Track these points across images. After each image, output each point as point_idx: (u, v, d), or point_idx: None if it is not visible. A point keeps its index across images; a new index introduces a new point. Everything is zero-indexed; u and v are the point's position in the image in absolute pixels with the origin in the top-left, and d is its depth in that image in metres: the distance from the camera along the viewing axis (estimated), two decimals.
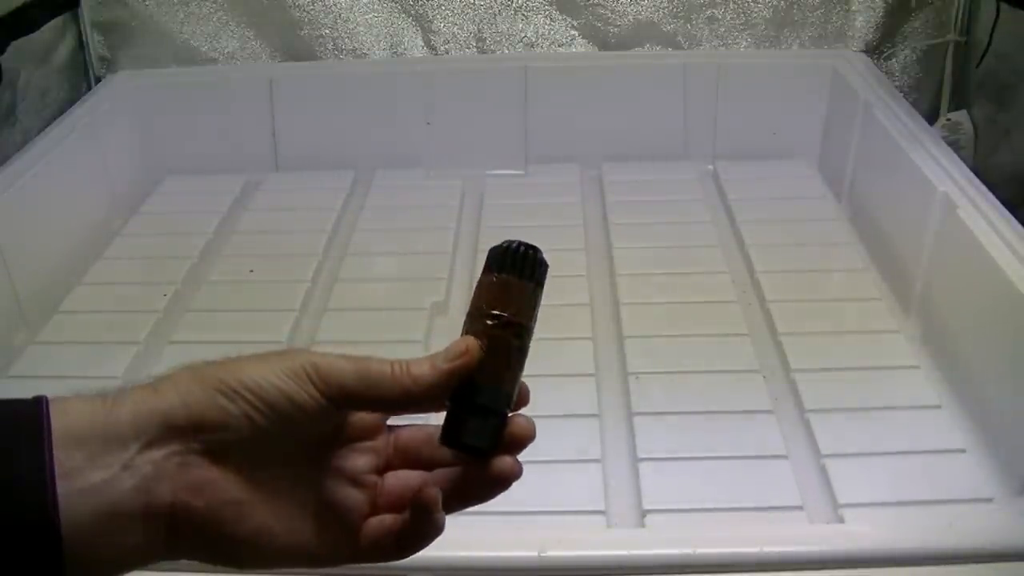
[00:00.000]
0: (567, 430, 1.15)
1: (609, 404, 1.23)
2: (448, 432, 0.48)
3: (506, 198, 1.81)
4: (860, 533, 0.87)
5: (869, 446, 1.13)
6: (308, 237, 1.67)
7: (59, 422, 0.41)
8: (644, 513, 1.05)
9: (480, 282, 0.50)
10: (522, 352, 0.49)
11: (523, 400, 0.50)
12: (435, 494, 0.47)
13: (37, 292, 1.47)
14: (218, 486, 0.43)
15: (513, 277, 0.49)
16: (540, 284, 0.50)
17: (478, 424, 0.48)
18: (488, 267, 0.50)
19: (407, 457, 0.50)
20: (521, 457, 0.49)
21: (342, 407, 0.45)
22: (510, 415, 0.49)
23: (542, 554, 0.82)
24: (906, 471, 1.09)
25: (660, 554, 0.83)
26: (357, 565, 0.48)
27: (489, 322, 0.49)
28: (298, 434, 0.45)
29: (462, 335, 0.49)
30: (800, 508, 1.04)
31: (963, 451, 1.12)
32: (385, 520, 0.48)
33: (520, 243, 0.51)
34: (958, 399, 1.22)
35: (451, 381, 0.46)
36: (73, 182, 1.65)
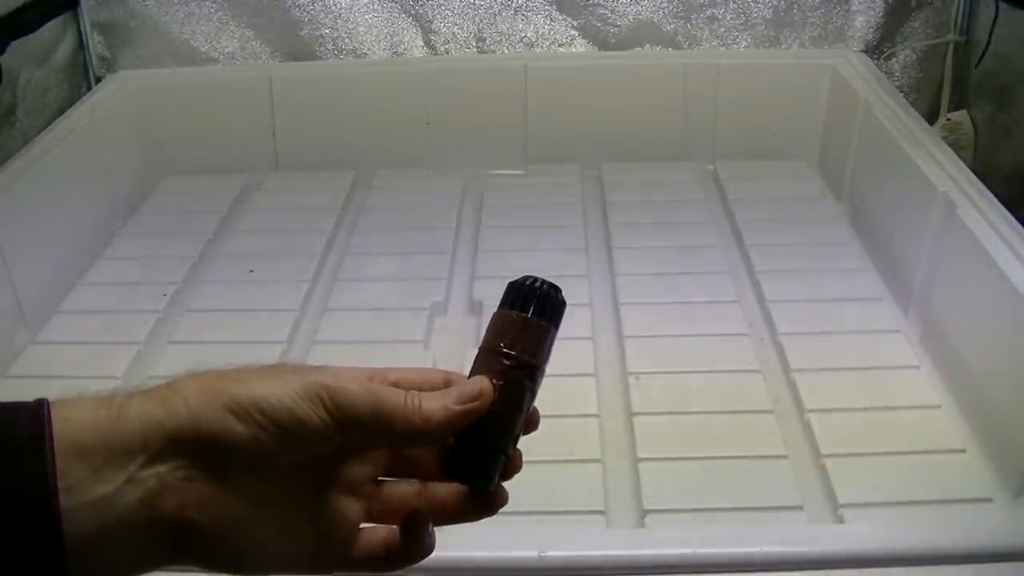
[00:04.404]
0: (567, 430, 1.15)
1: (609, 404, 1.23)
2: (451, 464, 0.48)
3: (506, 198, 1.81)
4: (860, 533, 0.87)
5: (869, 446, 1.13)
6: (308, 237, 1.67)
7: (62, 430, 0.40)
8: (644, 513, 1.05)
9: (497, 317, 0.49)
10: (533, 395, 0.49)
11: (532, 425, 0.50)
12: (426, 518, 0.48)
13: (37, 292, 1.46)
14: (221, 501, 0.43)
15: (534, 318, 0.49)
16: (558, 327, 0.50)
17: (483, 463, 0.48)
18: (508, 302, 0.49)
19: (407, 464, 0.50)
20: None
21: (350, 433, 0.45)
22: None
23: (542, 554, 0.82)
24: (906, 471, 1.09)
25: (660, 554, 0.82)
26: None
27: (507, 362, 0.48)
28: (302, 452, 0.45)
29: (474, 369, 0.49)
30: (800, 508, 1.04)
31: (963, 451, 1.12)
32: (378, 531, 0.49)
33: (543, 281, 0.50)
34: (958, 399, 1.22)
35: (461, 423, 0.46)
36: (73, 182, 1.65)
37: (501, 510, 0.50)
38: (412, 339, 1.37)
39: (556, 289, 0.50)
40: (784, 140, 1.90)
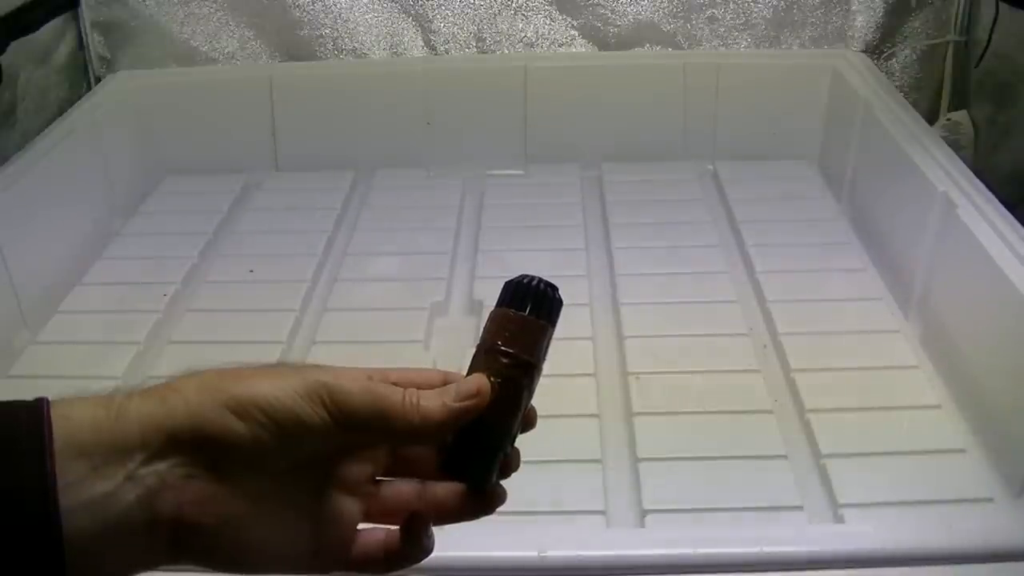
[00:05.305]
0: (567, 430, 1.15)
1: (609, 404, 1.23)
2: (449, 463, 0.48)
3: (506, 198, 1.81)
4: (860, 533, 0.87)
5: (869, 446, 1.13)
6: (308, 237, 1.67)
7: (61, 429, 0.40)
8: (644, 513, 1.05)
9: (495, 315, 0.49)
10: (531, 393, 0.49)
11: (530, 423, 0.50)
12: (426, 520, 0.49)
13: (37, 292, 1.46)
14: (220, 500, 0.43)
15: (532, 317, 0.49)
16: (555, 325, 0.50)
17: (481, 461, 0.48)
18: (505, 301, 0.49)
19: (406, 464, 0.50)
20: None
21: (349, 432, 0.45)
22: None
23: (542, 554, 0.82)
24: (906, 471, 1.09)
25: (660, 554, 0.82)
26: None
27: (504, 360, 0.48)
28: (302, 451, 0.45)
29: (472, 367, 0.49)
30: (800, 508, 1.04)
31: (963, 451, 1.12)
32: (376, 533, 0.49)
33: (540, 280, 0.50)
34: (958, 399, 1.22)
35: (460, 421, 0.46)
36: (73, 182, 1.65)
37: (501, 509, 0.50)
38: (412, 339, 1.37)
39: (553, 288, 0.50)
40: (784, 140, 1.90)
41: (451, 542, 0.51)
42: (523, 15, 1.93)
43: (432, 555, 0.49)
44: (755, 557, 0.82)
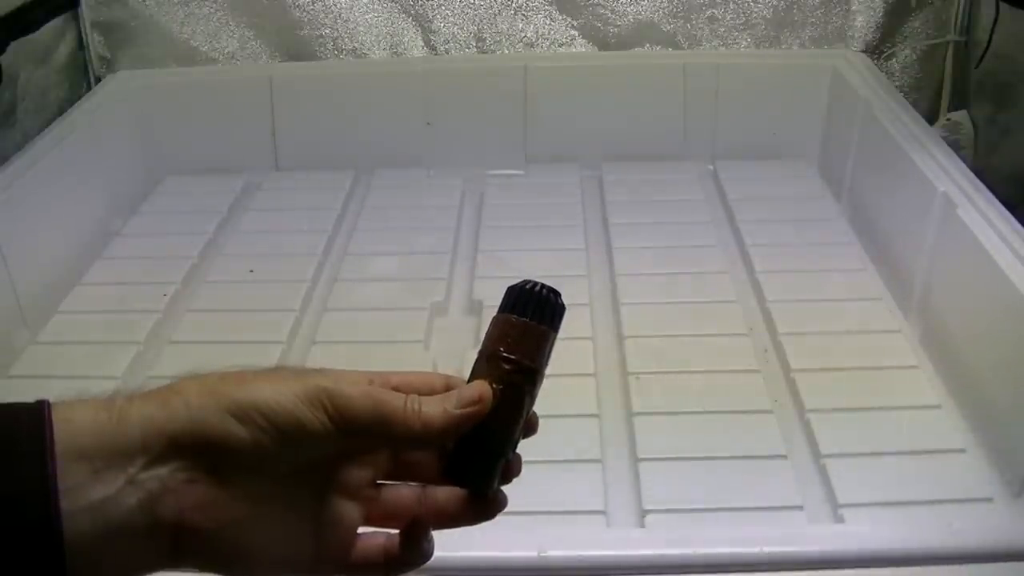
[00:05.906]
0: (567, 430, 1.15)
1: (609, 404, 1.23)
2: (452, 468, 0.48)
3: (506, 198, 1.81)
4: (860, 533, 0.87)
5: (869, 446, 1.13)
6: (308, 237, 1.67)
7: (62, 432, 0.40)
8: (644, 513, 1.05)
9: (498, 321, 0.49)
10: (532, 399, 0.49)
11: (532, 429, 0.50)
12: (426, 526, 0.49)
13: (37, 292, 1.46)
14: (221, 504, 0.43)
15: (534, 322, 0.49)
16: (558, 331, 0.50)
17: (482, 466, 0.48)
18: (508, 306, 0.49)
19: (407, 468, 0.51)
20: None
21: (350, 437, 0.45)
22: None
23: (542, 554, 0.82)
24: (906, 471, 1.09)
25: (660, 554, 0.82)
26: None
27: (507, 366, 0.48)
28: (303, 455, 0.45)
29: (474, 373, 0.49)
30: (800, 508, 1.04)
31: (963, 451, 1.12)
32: (377, 537, 0.49)
33: (542, 285, 0.50)
34: (958, 399, 1.22)
35: (461, 427, 0.47)
36: (73, 182, 1.65)
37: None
38: (412, 339, 1.37)
39: (556, 293, 0.50)
40: (784, 140, 1.90)
41: (451, 542, 0.51)
42: (523, 15, 1.93)
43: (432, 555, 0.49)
44: (755, 557, 0.82)
